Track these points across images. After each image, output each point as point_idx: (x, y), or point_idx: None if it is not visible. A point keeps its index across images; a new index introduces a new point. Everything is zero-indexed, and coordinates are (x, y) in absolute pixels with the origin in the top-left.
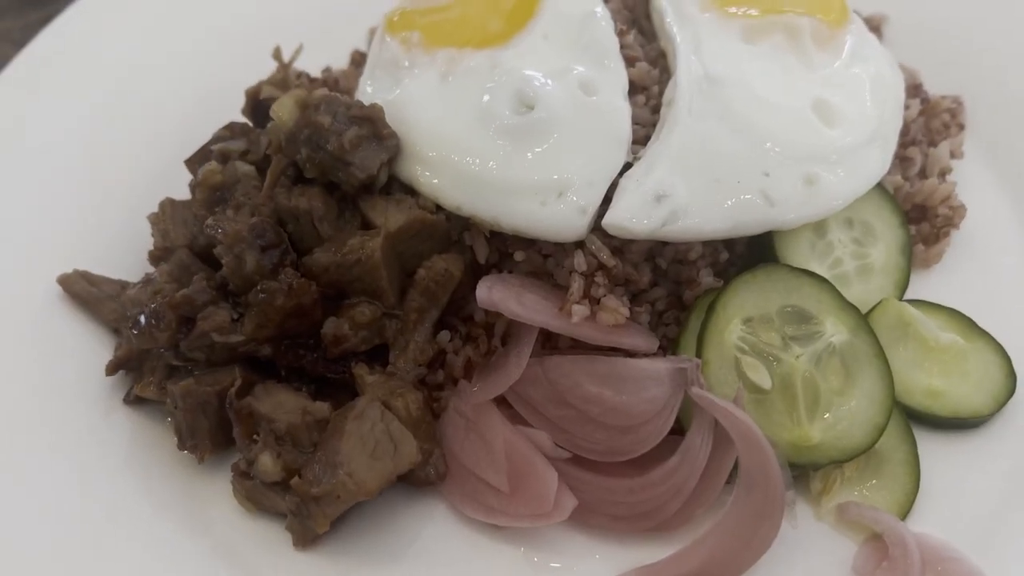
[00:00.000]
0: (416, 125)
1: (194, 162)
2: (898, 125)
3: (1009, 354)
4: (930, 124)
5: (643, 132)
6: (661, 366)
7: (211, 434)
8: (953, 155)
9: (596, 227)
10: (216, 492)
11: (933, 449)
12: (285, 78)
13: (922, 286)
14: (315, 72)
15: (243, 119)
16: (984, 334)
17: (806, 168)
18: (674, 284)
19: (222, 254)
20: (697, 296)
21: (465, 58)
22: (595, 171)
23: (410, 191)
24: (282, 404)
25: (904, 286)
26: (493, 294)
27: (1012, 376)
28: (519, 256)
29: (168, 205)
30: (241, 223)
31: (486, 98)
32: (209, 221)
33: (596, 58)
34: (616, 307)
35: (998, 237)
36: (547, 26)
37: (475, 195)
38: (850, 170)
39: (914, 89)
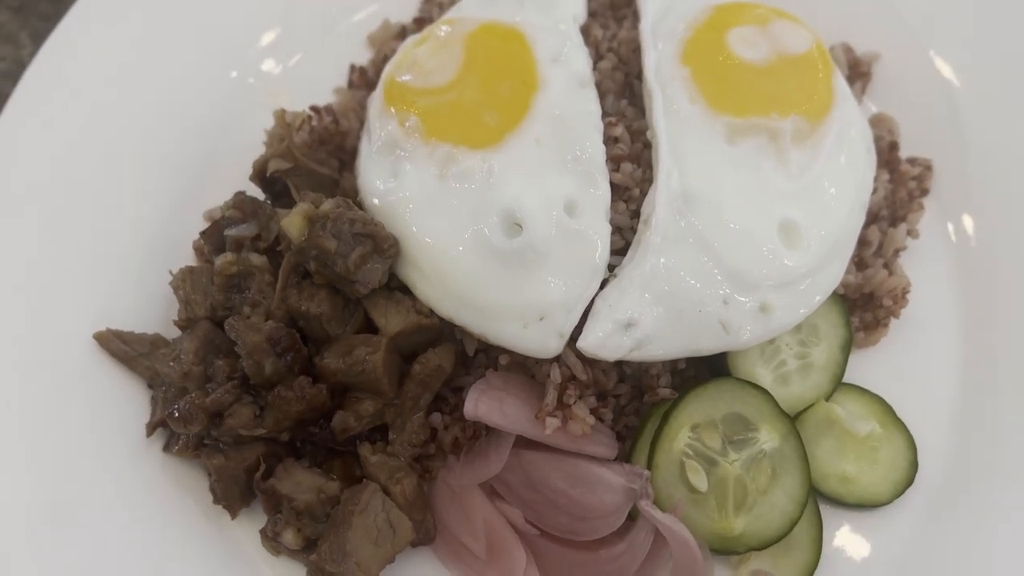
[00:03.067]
0: (413, 230)
1: (209, 236)
2: (861, 223)
3: (916, 443)
4: (895, 194)
5: (621, 242)
6: (617, 480)
7: (241, 495)
8: (910, 234)
9: (572, 339)
10: (246, 530)
11: (837, 521)
12: (289, 148)
13: (854, 362)
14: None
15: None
16: (898, 423)
17: (763, 296)
18: (636, 381)
19: (243, 358)
20: (654, 403)
21: (460, 158)
22: (573, 297)
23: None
24: (300, 484)
25: (840, 378)
26: (479, 409)
27: (914, 466)
28: (503, 359)
29: (188, 273)
30: (258, 333)
31: (478, 214)
32: (229, 323)
33: (583, 173)
34: (584, 416)
35: (933, 313)
36: (540, 129)
37: (465, 311)
38: (805, 293)
39: (888, 150)
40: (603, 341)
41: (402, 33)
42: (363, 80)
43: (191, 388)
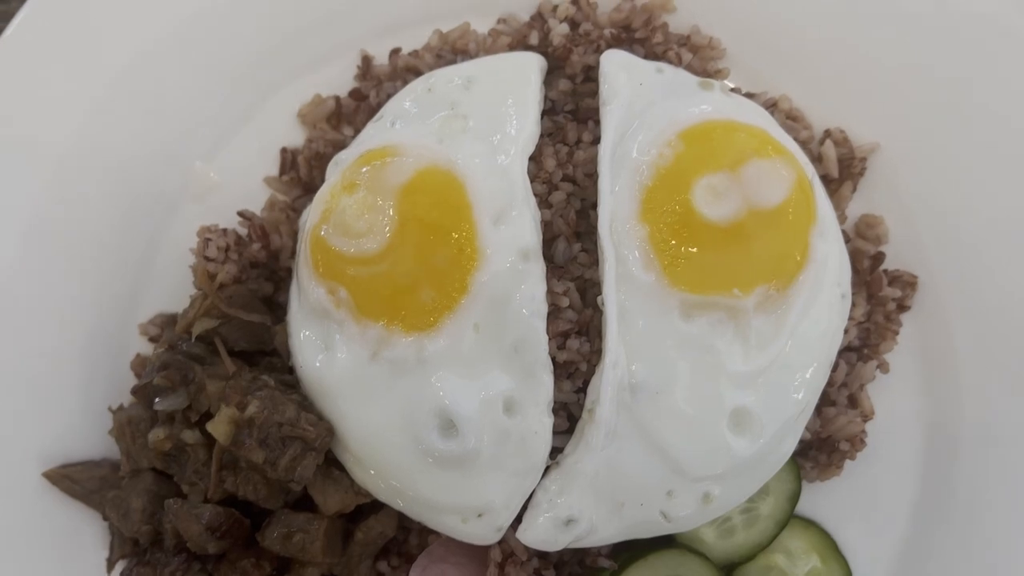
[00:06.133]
0: (345, 416)
1: (139, 394)
2: (825, 381)
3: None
4: (871, 317)
5: (565, 424)
6: None
7: None
8: (880, 368)
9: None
10: None
11: None
12: (214, 304)
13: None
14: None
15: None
16: (839, 558)
17: (706, 487)
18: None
19: (186, 538)
20: (594, 568)
21: (393, 341)
22: (511, 495)
23: None
24: None
25: (786, 524)
26: None
27: None
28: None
29: (126, 424)
30: (197, 521)
31: (412, 408)
32: (168, 505)
33: (524, 369)
34: None
35: (893, 440)
36: (480, 313)
37: (402, 501)
38: (751, 477)
39: (871, 267)
40: (542, 536)
41: (337, 109)
42: (296, 180)
43: (143, 542)
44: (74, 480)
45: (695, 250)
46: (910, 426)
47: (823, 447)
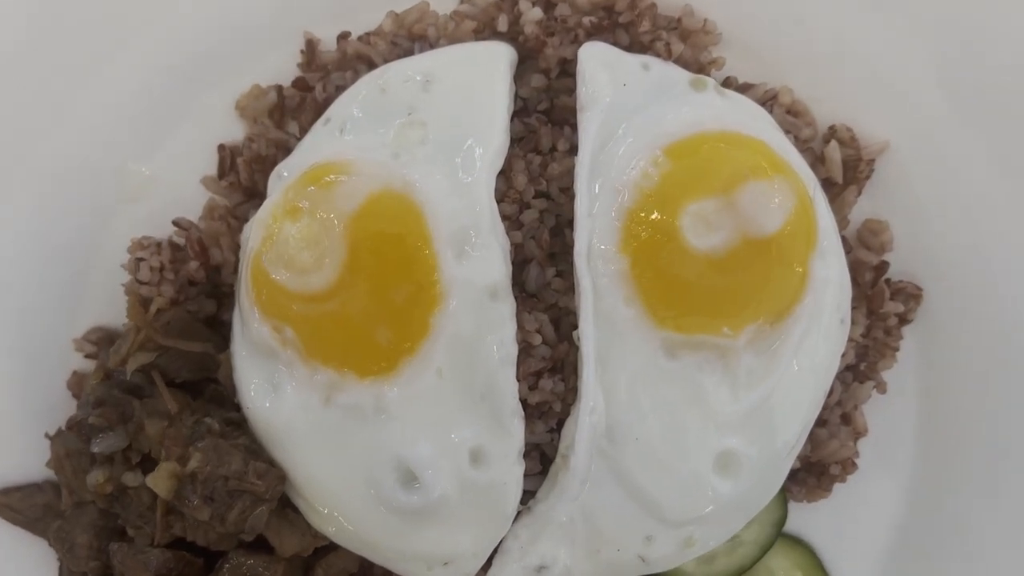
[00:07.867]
0: (298, 463)
1: (74, 429)
2: (818, 412)
3: None
4: (871, 332)
5: (538, 467)
6: None
7: None
8: (877, 389)
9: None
10: None
11: None
12: (149, 336)
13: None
14: None
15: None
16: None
17: (688, 531)
18: None
19: None
20: None
21: (347, 386)
22: (479, 544)
23: None
24: None
25: (770, 547)
26: None
27: None
28: None
29: (64, 457)
30: (145, 569)
31: (370, 458)
32: (113, 550)
33: (492, 417)
34: None
35: (884, 462)
36: (443, 357)
37: (362, 547)
38: (736, 517)
39: (872, 281)
40: None
41: (279, 102)
42: (236, 184)
43: None
44: (14, 509)
45: (681, 284)
46: (902, 443)
47: (812, 470)
